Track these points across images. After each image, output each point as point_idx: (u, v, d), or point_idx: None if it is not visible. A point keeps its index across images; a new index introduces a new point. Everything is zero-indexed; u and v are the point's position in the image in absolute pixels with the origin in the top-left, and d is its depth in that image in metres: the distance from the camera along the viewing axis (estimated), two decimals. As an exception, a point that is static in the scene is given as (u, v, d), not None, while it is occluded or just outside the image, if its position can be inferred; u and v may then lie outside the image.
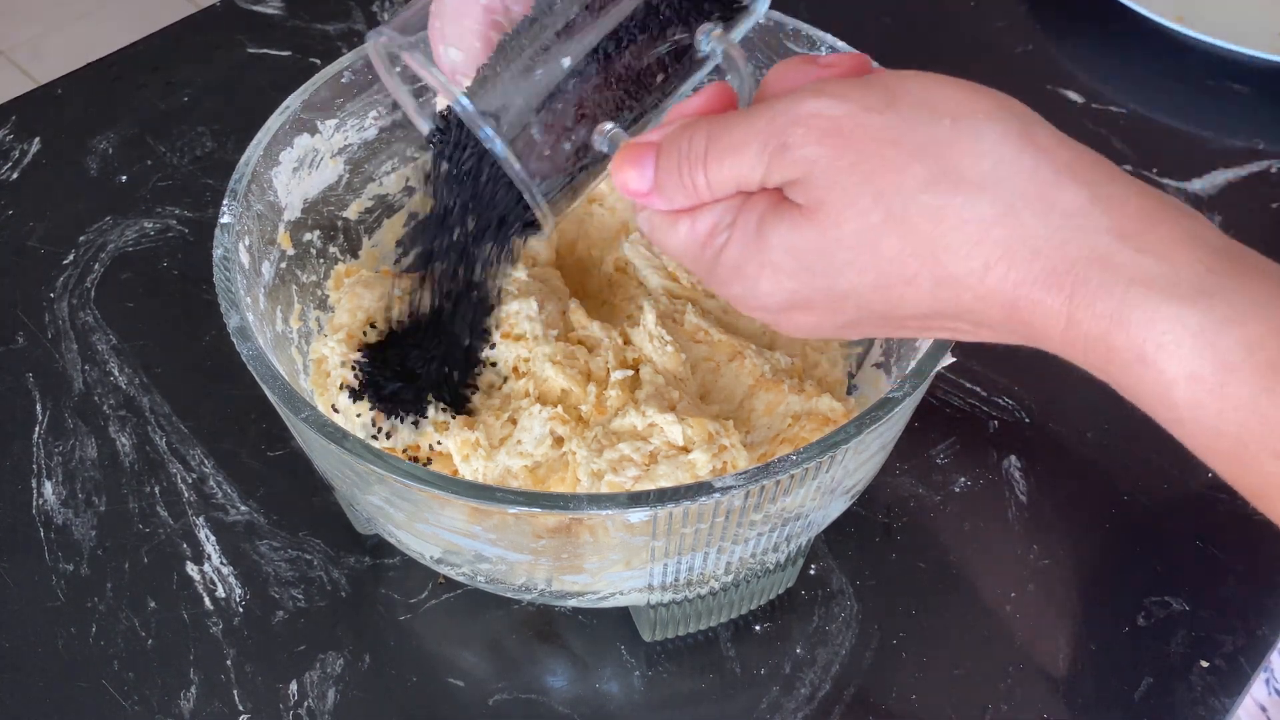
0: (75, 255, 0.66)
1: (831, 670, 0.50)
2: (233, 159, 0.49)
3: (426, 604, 0.52)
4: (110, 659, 0.50)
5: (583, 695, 0.49)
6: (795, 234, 0.33)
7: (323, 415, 0.40)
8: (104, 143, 0.73)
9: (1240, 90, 0.78)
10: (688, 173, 0.34)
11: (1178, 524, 0.55)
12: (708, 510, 0.38)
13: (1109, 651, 0.51)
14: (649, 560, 0.42)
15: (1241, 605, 0.52)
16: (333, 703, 0.48)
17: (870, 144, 0.31)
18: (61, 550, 0.53)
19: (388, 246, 0.58)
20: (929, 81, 0.32)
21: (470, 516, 0.40)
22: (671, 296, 0.53)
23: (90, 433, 0.58)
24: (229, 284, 0.44)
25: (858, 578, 0.53)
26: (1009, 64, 0.80)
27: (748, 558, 0.44)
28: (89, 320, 0.63)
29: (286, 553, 0.53)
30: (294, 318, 0.51)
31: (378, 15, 0.81)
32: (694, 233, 0.35)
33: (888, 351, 0.52)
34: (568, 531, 0.41)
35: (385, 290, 0.53)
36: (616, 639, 0.51)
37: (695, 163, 0.34)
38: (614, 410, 0.47)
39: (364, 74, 0.53)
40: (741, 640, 0.51)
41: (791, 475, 0.38)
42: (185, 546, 0.54)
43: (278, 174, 0.50)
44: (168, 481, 0.56)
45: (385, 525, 0.45)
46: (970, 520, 0.55)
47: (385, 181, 0.57)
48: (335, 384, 0.49)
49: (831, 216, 0.32)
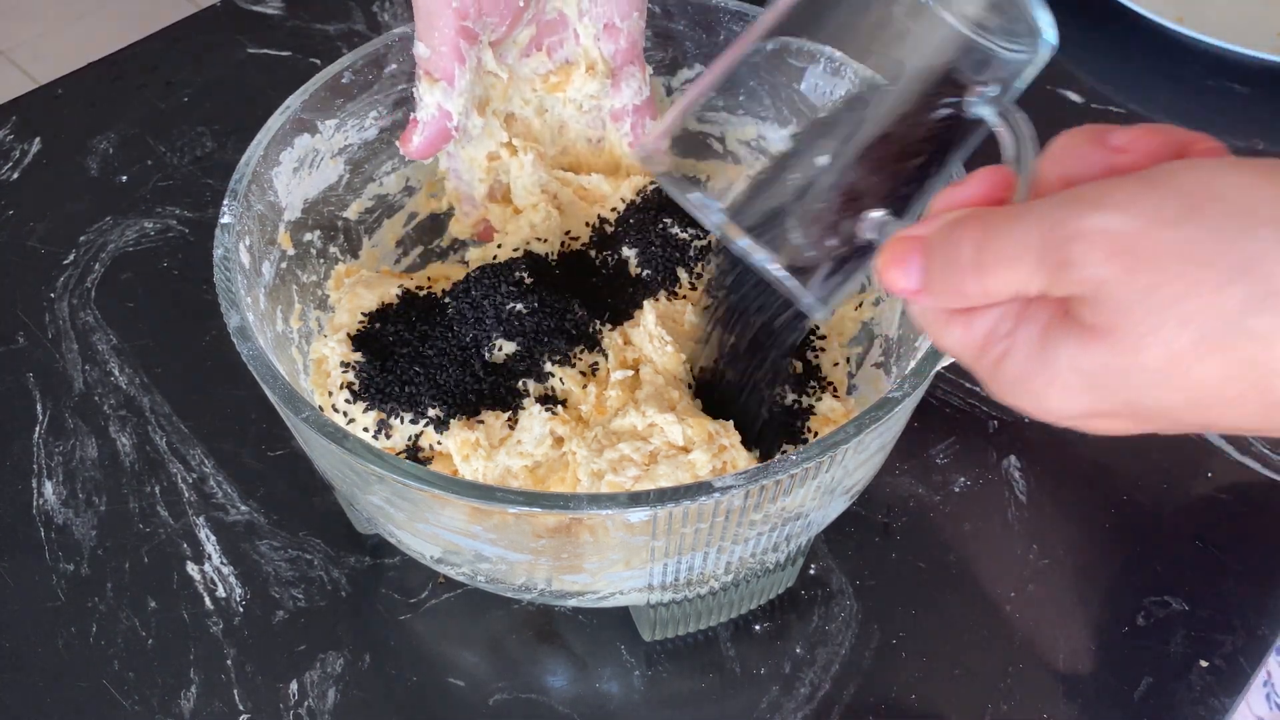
0: (75, 255, 0.66)
1: (831, 670, 0.50)
2: (233, 159, 0.49)
3: (426, 604, 0.52)
4: (110, 659, 0.50)
5: (583, 695, 0.49)
6: (1086, 355, 0.29)
7: (323, 415, 0.40)
8: (104, 143, 0.73)
9: (1240, 90, 0.78)
10: (957, 280, 0.31)
11: (1178, 524, 0.55)
12: (708, 510, 0.38)
13: (1108, 651, 0.51)
14: (649, 560, 0.42)
15: (1241, 605, 0.52)
16: (333, 702, 0.48)
17: (1173, 264, 0.27)
18: (62, 550, 0.53)
19: (388, 246, 0.59)
20: (1230, 175, 0.28)
21: (470, 516, 0.40)
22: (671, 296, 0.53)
23: (90, 433, 0.58)
24: (229, 284, 0.44)
25: (858, 577, 0.53)
26: (1009, 64, 0.80)
27: (748, 557, 0.44)
28: (89, 320, 0.63)
29: (287, 552, 0.53)
30: (294, 318, 0.51)
31: (378, 15, 0.81)
32: (969, 336, 0.32)
33: (887, 351, 0.52)
34: (568, 531, 0.41)
35: (385, 290, 0.53)
36: (616, 639, 0.51)
37: (965, 271, 0.30)
38: (614, 410, 0.47)
39: (364, 74, 0.53)
40: (741, 640, 0.51)
41: (791, 475, 0.38)
42: (185, 546, 0.54)
43: (278, 174, 0.50)
44: (168, 481, 0.56)
45: (385, 525, 0.45)
46: (970, 520, 0.55)
47: (385, 181, 0.57)
48: (335, 384, 0.49)
49: (1130, 340, 0.28)
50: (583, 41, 0.54)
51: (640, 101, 0.56)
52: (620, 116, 0.56)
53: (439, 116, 0.50)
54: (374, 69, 0.53)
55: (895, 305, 0.52)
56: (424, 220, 0.59)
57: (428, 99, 0.49)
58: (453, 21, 0.47)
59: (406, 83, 0.55)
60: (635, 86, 0.55)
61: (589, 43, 0.54)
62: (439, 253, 0.60)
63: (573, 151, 0.58)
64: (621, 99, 0.55)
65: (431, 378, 0.49)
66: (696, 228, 0.54)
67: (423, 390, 0.48)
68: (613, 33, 0.53)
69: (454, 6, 0.47)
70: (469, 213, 0.57)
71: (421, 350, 0.49)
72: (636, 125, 0.56)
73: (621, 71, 0.54)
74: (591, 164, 0.58)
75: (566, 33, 0.54)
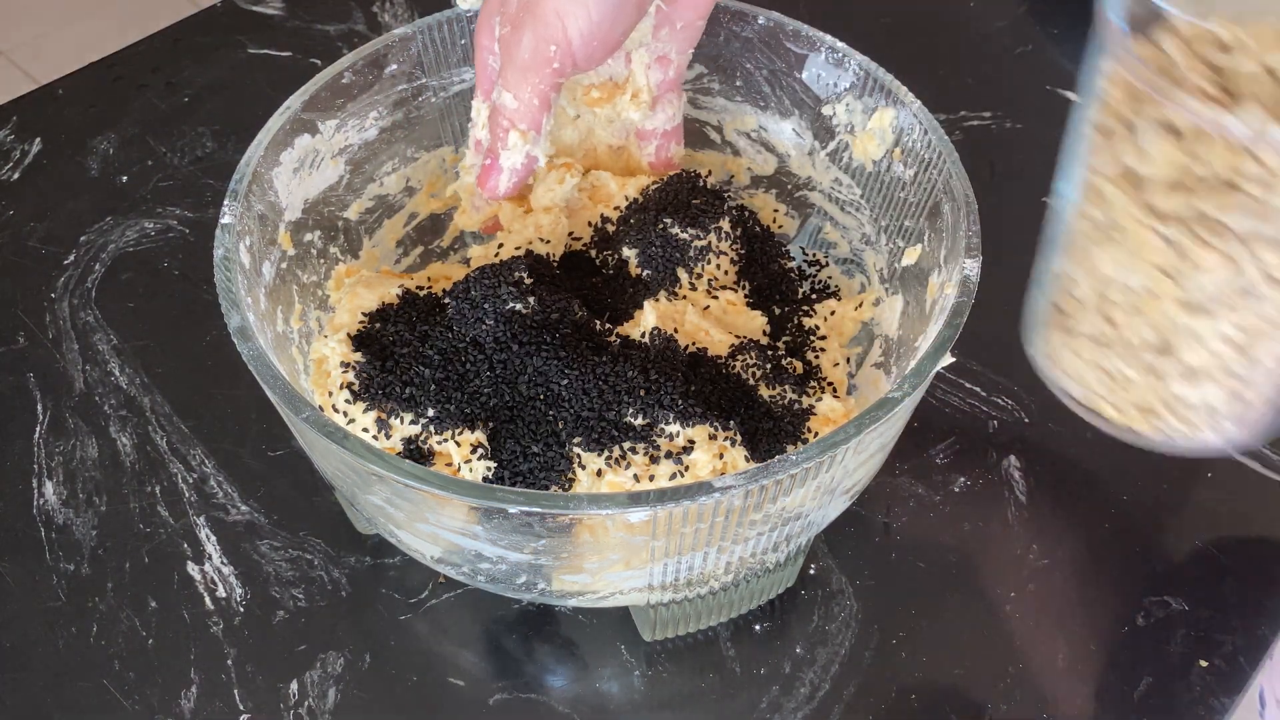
0: (76, 255, 0.66)
1: (831, 670, 0.50)
2: (233, 159, 0.49)
3: (426, 604, 0.52)
4: (111, 659, 0.50)
5: (583, 695, 0.49)
6: None
7: (323, 415, 0.41)
8: (104, 143, 0.73)
9: (1240, 90, 0.78)
10: None
11: (1178, 524, 0.55)
12: (708, 510, 0.38)
13: (1108, 651, 0.51)
14: (649, 560, 0.42)
15: (1241, 605, 0.52)
16: (333, 702, 0.49)
17: None
18: (62, 550, 0.53)
19: (388, 246, 0.59)
20: None
21: (470, 516, 0.40)
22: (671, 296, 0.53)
23: (91, 433, 0.58)
24: (230, 284, 0.44)
25: (857, 577, 0.53)
26: (1008, 64, 0.80)
27: (747, 557, 0.44)
28: (90, 320, 0.63)
29: (287, 552, 0.53)
30: (294, 318, 0.51)
31: (378, 15, 0.81)
32: None
33: (887, 351, 0.52)
34: (568, 531, 0.41)
35: (386, 290, 0.53)
36: (616, 639, 0.51)
37: None
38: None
39: (364, 74, 0.53)
40: (741, 640, 0.51)
41: (791, 475, 0.38)
42: (186, 546, 0.54)
43: (278, 174, 0.50)
44: (168, 481, 0.56)
45: (385, 525, 0.45)
46: (970, 520, 0.55)
47: (386, 182, 0.57)
48: (335, 384, 0.49)
49: None
50: (633, 66, 0.54)
51: (670, 127, 0.56)
52: (647, 137, 0.57)
53: (526, 163, 0.51)
54: (374, 69, 0.53)
55: (895, 305, 0.53)
56: (424, 220, 0.59)
57: (515, 149, 0.50)
58: (550, 79, 0.48)
59: (406, 83, 0.55)
60: (670, 113, 0.56)
61: (639, 69, 0.54)
62: (439, 253, 0.60)
63: (593, 155, 0.58)
64: (654, 123, 0.56)
65: (432, 378, 0.49)
66: (696, 228, 0.54)
67: (423, 390, 0.48)
68: (664, 64, 0.54)
69: (554, 66, 0.47)
70: (480, 208, 0.57)
71: (422, 350, 0.49)
72: (662, 148, 0.57)
73: (661, 99, 0.55)
74: (608, 166, 0.58)
75: (619, 54, 0.54)
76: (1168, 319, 0.32)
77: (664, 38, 0.53)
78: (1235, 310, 0.31)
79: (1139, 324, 0.34)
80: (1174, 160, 0.28)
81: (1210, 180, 0.27)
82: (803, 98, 0.56)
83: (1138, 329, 0.34)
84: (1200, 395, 0.35)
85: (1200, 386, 0.35)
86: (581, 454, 0.46)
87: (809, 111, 0.56)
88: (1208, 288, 0.30)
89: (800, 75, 0.55)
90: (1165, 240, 0.30)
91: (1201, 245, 0.29)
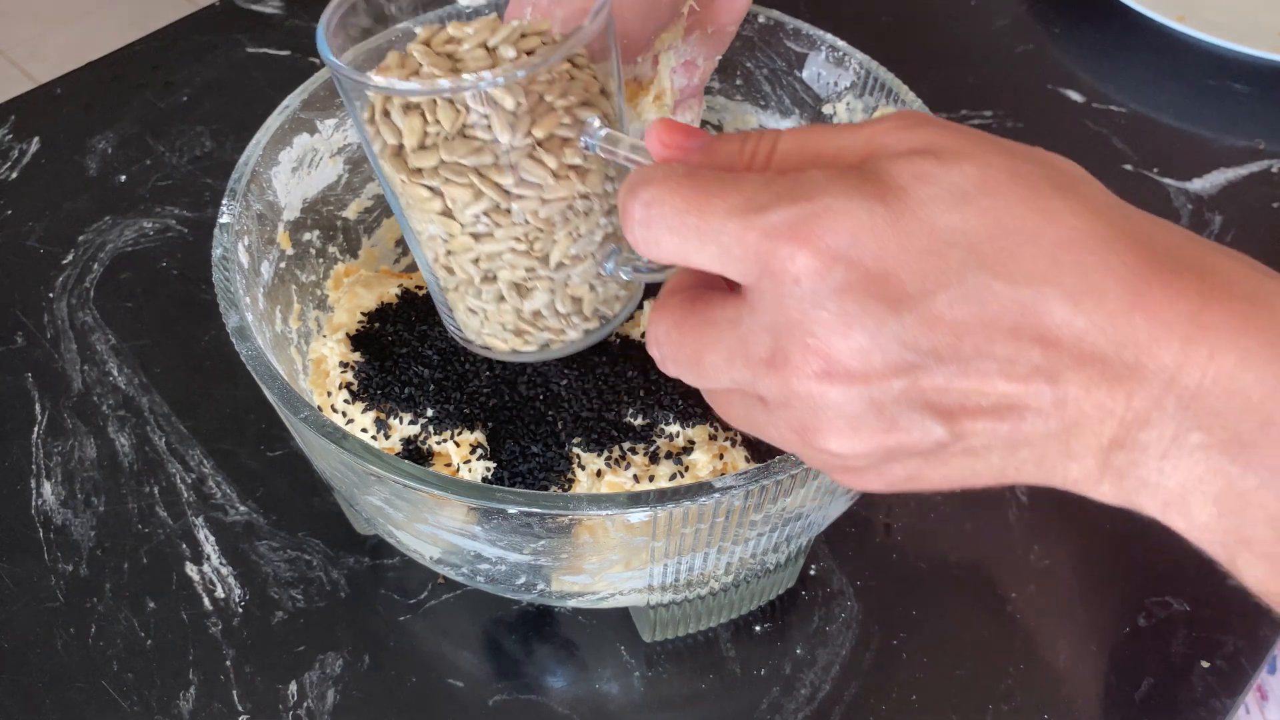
0: (74, 255, 0.66)
1: (832, 671, 0.50)
2: (232, 159, 0.49)
3: (426, 604, 0.52)
4: (110, 659, 0.50)
5: (583, 695, 0.49)
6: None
7: (322, 415, 0.40)
8: (103, 143, 0.73)
9: (1241, 90, 0.78)
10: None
11: (1178, 524, 0.55)
12: (708, 510, 0.38)
13: (1110, 652, 0.50)
14: (649, 561, 0.42)
15: (1242, 605, 0.52)
16: (332, 703, 0.48)
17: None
18: (61, 550, 0.53)
19: (387, 246, 0.58)
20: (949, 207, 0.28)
21: (469, 517, 0.40)
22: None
23: (89, 433, 0.58)
24: (228, 284, 0.44)
25: (858, 578, 0.53)
26: (1009, 64, 0.80)
27: (748, 558, 0.44)
28: (88, 320, 0.63)
29: (286, 553, 0.53)
30: (293, 318, 0.51)
31: (377, 15, 0.81)
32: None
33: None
34: (567, 532, 0.41)
35: (385, 290, 0.53)
36: (616, 639, 0.51)
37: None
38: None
39: (363, 73, 0.52)
40: (741, 641, 0.51)
41: (791, 475, 0.38)
42: (184, 547, 0.53)
43: (277, 174, 0.50)
44: (167, 481, 0.56)
45: (385, 525, 0.45)
46: (971, 520, 0.55)
47: (385, 181, 0.57)
48: (334, 384, 0.49)
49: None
50: (659, 69, 0.54)
51: None
52: None
53: None
54: (373, 68, 0.53)
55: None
56: (423, 220, 0.59)
57: None
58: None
59: (406, 82, 0.55)
60: (689, 118, 0.56)
61: (664, 72, 0.54)
62: (438, 252, 0.60)
63: None
64: None
65: (431, 378, 0.48)
66: None
67: (422, 390, 0.48)
68: (690, 69, 0.54)
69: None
70: None
71: (421, 350, 0.49)
72: None
73: (682, 104, 0.55)
74: None
75: (646, 54, 0.54)
76: (472, 251, 0.40)
77: (693, 42, 0.53)
78: (504, 226, 0.38)
79: (464, 262, 0.40)
80: (416, 129, 0.37)
81: (446, 134, 0.36)
82: (803, 97, 0.56)
83: (465, 268, 0.40)
84: (535, 304, 0.41)
85: (531, 298, 0.41)
86: (581, 454, 0.45)
87: (809, 110, 0.56)
88: (473, 216, 0.38)
89: (800, 74, 0.55)
90: (430, 190, 0.38)
91: (453, 185, 0.37)
